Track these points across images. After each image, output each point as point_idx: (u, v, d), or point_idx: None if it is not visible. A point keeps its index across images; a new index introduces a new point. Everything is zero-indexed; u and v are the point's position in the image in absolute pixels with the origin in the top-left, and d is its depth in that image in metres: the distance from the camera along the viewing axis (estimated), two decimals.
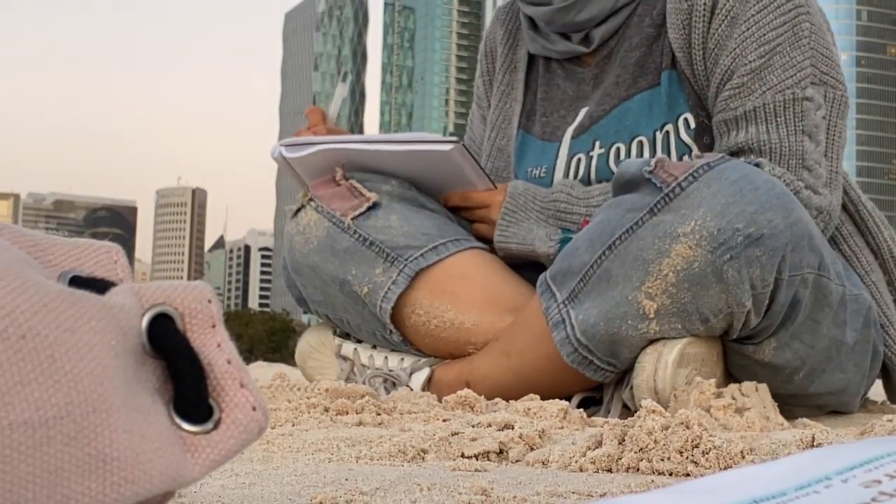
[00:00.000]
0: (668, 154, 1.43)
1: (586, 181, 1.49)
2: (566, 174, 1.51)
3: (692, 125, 1.42)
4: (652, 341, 1.23)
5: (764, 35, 1.36)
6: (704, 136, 1.42)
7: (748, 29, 1.37)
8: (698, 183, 1.18)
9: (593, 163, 1.49)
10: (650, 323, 1.21)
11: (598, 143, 1.49)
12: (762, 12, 1.37)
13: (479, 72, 1.76)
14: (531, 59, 1.64)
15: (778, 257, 1.18)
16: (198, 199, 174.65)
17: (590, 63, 1.55)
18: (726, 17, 1.38)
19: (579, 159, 1.51)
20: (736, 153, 1.37)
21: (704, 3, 1.39)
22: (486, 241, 1.51)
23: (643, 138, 1.45)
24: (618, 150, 1.47)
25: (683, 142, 1.42)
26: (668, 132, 1.43)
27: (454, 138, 1.46)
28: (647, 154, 1.44)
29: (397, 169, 1.48)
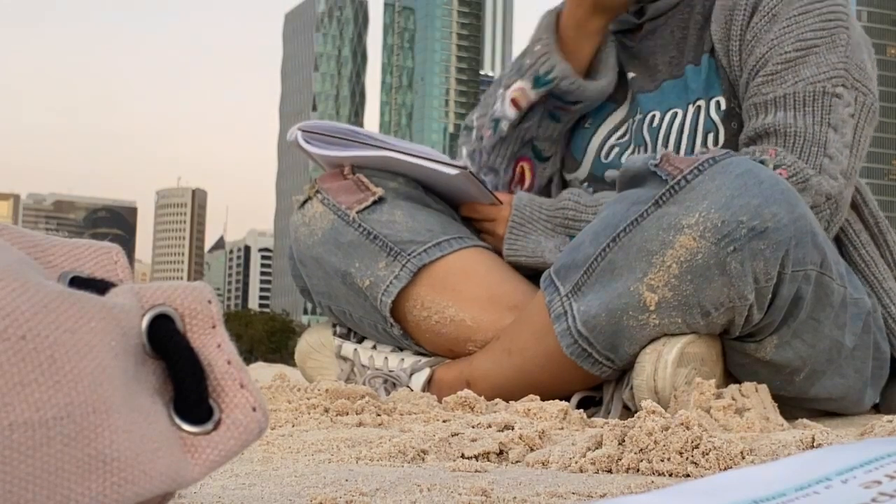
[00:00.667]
0: (695, 130, 1.47)
1: (625, 147, 1.56)
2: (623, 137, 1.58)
3: (723, 107, 1.47)
4: (652, 340, 1.23)
5: (802, 34, 1.40)
6: (732, 122, 1.46)
7: (788, 26, 1.41)
8: (703, 176, 1.19)
9: (633, 127, 1.56)
10: (650, 315, 1.21)
11: (639, 110, 1.56)
12: (804, 14, 1.41)
13: None
14: None
15: (781, 251, 1.18)
16: (198, 199, 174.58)
17: (636, 38, 1.60)
18: (767, 13, 1.43)
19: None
20: (760, 136, 1.40)
21: (747, 1, 1.45)
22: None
23: (678, 110, 1.50)
24: (653, 117, 1.53)
25: (712, 119, 1.47)
26: (699, 107, 1.48)
27: (463, 164, 1.50)
28: (677, 123, 1.49)
29: (408, 175, 1.51)
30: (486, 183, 1.56)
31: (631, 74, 1.59)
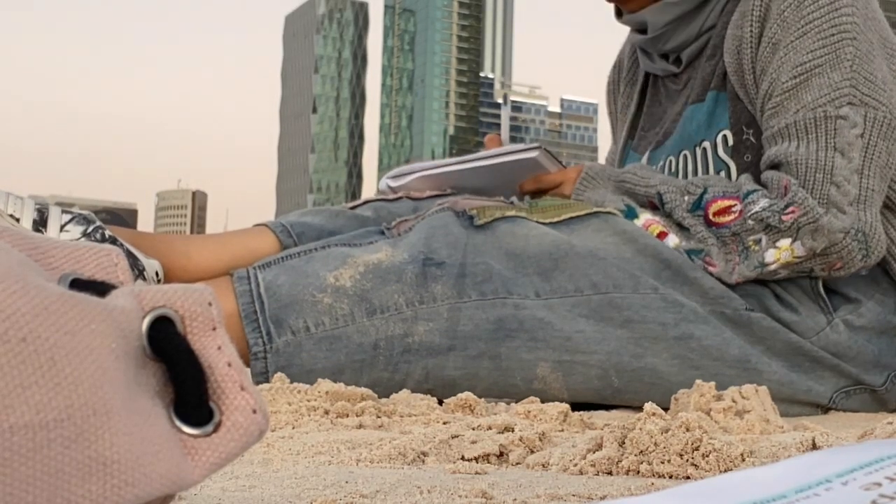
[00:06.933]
0: (707, 170, 1.50)
1: None
2: None
3: (730, 143, 1.47)
4: None
5: (801, 59, 1.39)
6: (745, 154, 1.46)
7: (786, 54, 1.40)
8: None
9: None
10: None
11: (662, 158, 1.60)
12: (802, 38, 1.39)
13: (608, 82, 1.90)
14: (646, 75, 1.76)
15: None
16: (198, 201, 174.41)
17: (680, 82, 1.65)
18: (769, 43, 1.42)
19: None
20: (772, 167, 1.42)
21: (751, 32, 1.44)
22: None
23: (687, 153, 1.54)
24: (669, 162, 1.58)
25: (721, 159, 1.49)
26: (705, 149, 1.51)
27: (537, 144, 1.59)
28: (690, 168, 1.53)
29: (485, 184, 1.62)
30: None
31: (645, 128, 1.69)
